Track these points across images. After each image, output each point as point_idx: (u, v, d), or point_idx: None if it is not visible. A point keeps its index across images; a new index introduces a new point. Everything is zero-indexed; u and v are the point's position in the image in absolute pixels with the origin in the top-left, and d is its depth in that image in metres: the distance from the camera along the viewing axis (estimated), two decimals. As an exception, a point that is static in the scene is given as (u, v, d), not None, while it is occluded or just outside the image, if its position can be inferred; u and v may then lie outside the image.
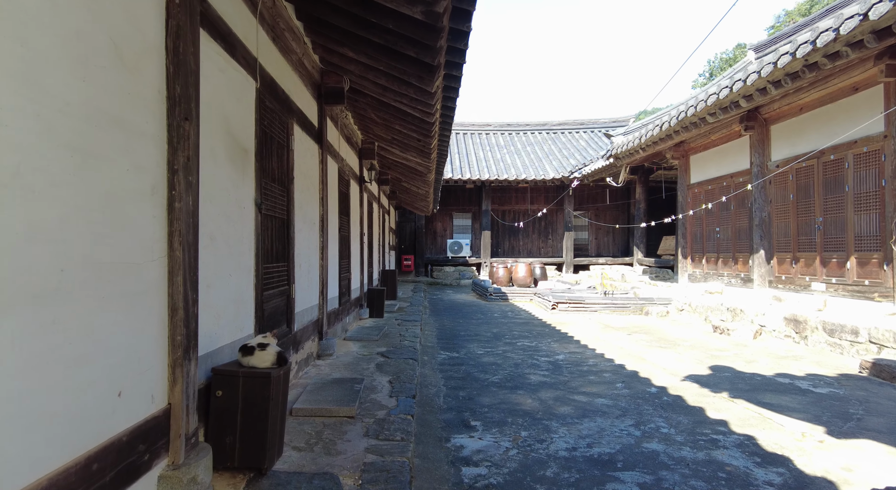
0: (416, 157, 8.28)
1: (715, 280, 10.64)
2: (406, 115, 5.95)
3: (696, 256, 11.53)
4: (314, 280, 5.10)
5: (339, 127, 6.61)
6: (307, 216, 4.83)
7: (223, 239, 2.85)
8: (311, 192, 5.02)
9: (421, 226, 19.59)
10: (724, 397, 4.45)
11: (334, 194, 6.26)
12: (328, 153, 5.82)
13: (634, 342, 7.25)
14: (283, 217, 4.10)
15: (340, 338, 6.48)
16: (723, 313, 8.61)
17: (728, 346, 6.84)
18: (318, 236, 5.25)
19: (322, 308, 5.33)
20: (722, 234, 10.45)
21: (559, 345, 6.98)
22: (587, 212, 20.10)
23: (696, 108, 8.46)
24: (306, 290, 4.80)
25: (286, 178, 4.20)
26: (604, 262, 19.23)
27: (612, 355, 6.29)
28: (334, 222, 6.25)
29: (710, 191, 10.86)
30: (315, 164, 5.20)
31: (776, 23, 36.52)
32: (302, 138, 4.71)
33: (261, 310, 3.47)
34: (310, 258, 4.91)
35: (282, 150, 4.11)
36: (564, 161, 19.38)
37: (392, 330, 7.28)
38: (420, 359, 5.85)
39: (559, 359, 6.07)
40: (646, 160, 13.34)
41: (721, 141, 10.40)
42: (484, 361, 5.89)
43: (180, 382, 2.20)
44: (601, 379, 5.12)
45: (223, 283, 2.84)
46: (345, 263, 6.99)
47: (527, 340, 7.30)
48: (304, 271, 4.70)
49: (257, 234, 3.42)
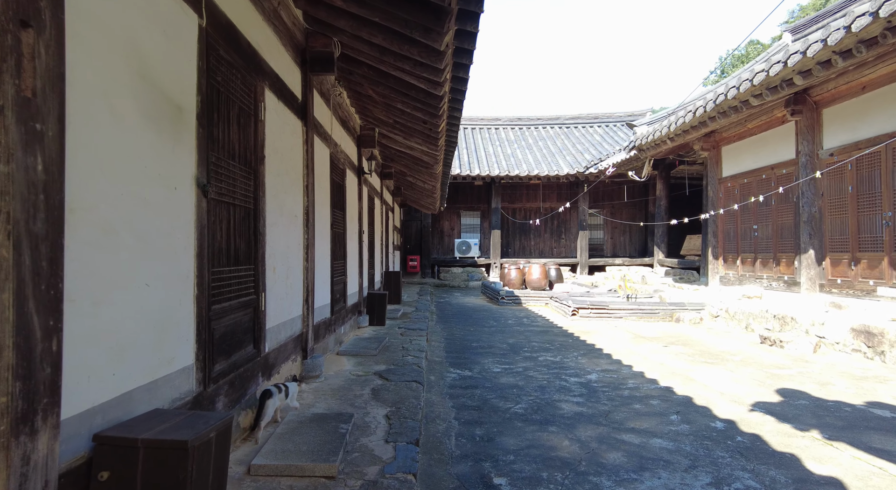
0: (422, 145, 7.33)
1: (752, 283, 9.61)
2: (409, 89, 5.01)
3: (729, 257, 10.50)
4: (295, 286, 4.16)
5: (333, 107, 5.68)
6: (285, 207, 3.90)
7: (133, 232, 1.92)
8: (292, 177, 4.09)
9: (427, 224, 18.66)
10: (817, 438, 3.46)
11: (324, 184, 5.32)
12: (316, 133, 4.88)
13: (674, 356, 6.26)
14: (247, 206, 3.16)
15: (333, 352, 5.55)
16: (768, 321, 7.59)
17: (786, 363, 5.83)
18: (300, 233, 4.31)
19: (307, 320, 4.40)
20: (760, 232, 9.42)
21: (588, 360, 6.00)
22: (602, 210, 19.07)
23: (738, 90, 7.45)
24: (284, 298, 3.86)
25: (253, 157, 3.27)
26: (620, 262, 18.21)
27: (654, 374, 5.31)
28: (324, 217, 5.31)
29: (746, 185, 9.83)
30: (297, 145, 4.26)
31: (790, 18, 35.37)
32: (278, 109, 3.77)
33: (207, 330, 2.53)
34: (289, 259, 3.98)
35: (246, 120, 3.17)
36: (579, 156, 18.37)
37: (394, 341, 6.33)
38: (426, 380, 4.90)
39: (592, 379, 5.10)
40: (672, 152, 12.31)
41: (759, 129, 9.37)
42: (502, 383, 4.92)
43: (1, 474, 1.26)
44: (649, 408, 4.15)
45: (130, 298, 1.90)
46: (339, 265, 6.06)
47: (549, 354, 6.33)
48: (280, 276, 3.76)
49: (201, 226, 2.48)
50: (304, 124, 4.41)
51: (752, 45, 37.81)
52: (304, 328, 4.36)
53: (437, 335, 7.70)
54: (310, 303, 4.45)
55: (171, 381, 2.18)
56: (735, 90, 7.53)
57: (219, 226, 2.75)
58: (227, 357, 2.82)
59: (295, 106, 4.20)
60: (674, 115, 9.95)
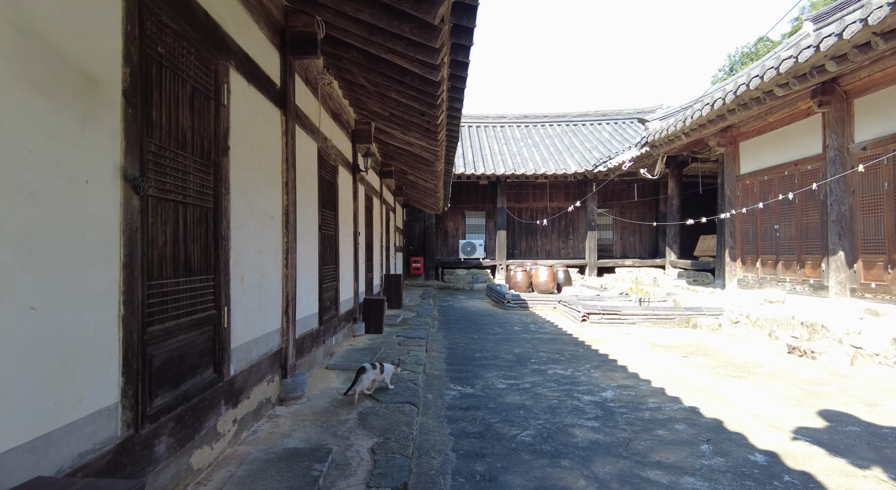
0: (421, 140, 6.83)
1: (773, 286, 9.04)
2: (404, 75, 4.51)
3: (748, 259, 9.93)
4: (272, 297, 3.67)
5: (321, 97, 5.20)
6: (258, 207, 3.41)
7: (6, 238, 1.43)
8: (267, 173, 3.60)
9: (431, 225, 18.16)
10: (883, 480, 2.92)
11: (310, 181, 4.83)
12: (299, 125, 4.40)
13: (695, 368, 5.72)
14: (204, 205, 2.68)
15: (321, 366, 5.06)
16: (795, 328, 7.03)
17: (822, 377, 5.28)
18: (278, 235, 3.82)
19: (286, 333, 3.90)
20: (783, 233, 8.84)
21: (602, 373, 5.48)
22: (611, 209, 18.50)
23: (762, 79, 6.89)
24: (256, 311, 3.37)
25: (213, 148, 2.78)
26: (630, 264, 17.63)
27: (676, 390, 4.78)
28: (310, 217, 4.82)
29: (767, 182, 9.26)
30: (274, 136, 3.77)
31: (800, 14, 34.62)
32: (249, 95, 3.28)
33: (139, 358, 2.05)
34: (263, 266, 3.49)
35: (203, 103, 2.68)
36: (587, 154, 17.82)
37: (390, 352, 5.83)
38: (423, 398, 4.40)
39: (607, 397, 4.58)
40: (686, 149, 11.75)
41: (781, 123, 8.80)
42: (507, 402, 4.41)
43: None
44: (675, 435, 3.62)
45: (13, 326, 1.41)
46: (329, 270, 5.57)
47: (559, 367, 5.80)
48: (251, 286, 3.27)
49: (131, 230, 1.99)
50: (283, 113, 3.92)
51: (761, 42, 37.10)
52: (283, 343, 3.87)
53: (438, 344, 7.19)
54: (290, 314, 3.96)
55: (78, 430, 1.69)
56: (758, 79, 6.97)
57: (161, 229, 2.27)
58: (173, 387, 2.33)
59: (272, 92, 3.71)
60: (689, 109, 9.39)
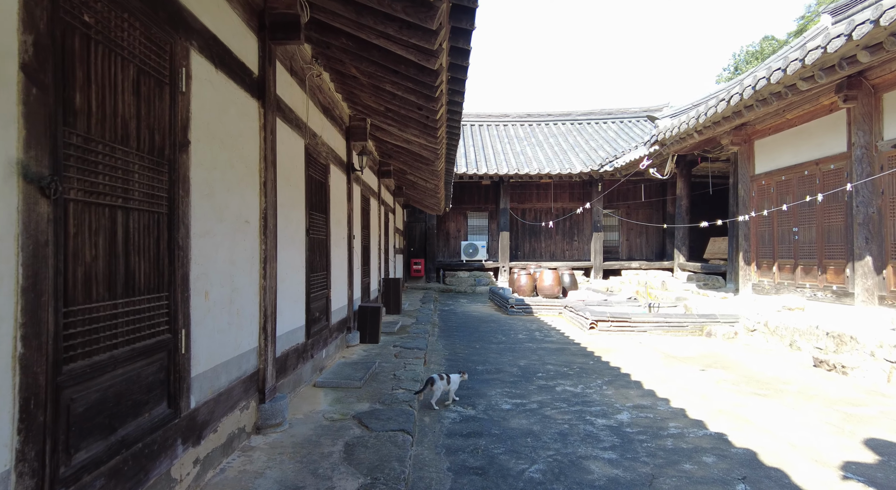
0: (419, 137, 6.40)
1: (792, 292, 8.57)
2: (398, 64, 4.07)
3: (764, 263, 9.46)
4: (246, 312, 3.24)
5: (309, 90, 4.76)
6: (228, 211, 2.97)
7: None
8: (241, 172, 3.17)
9: (432, 226, 17.72)
10: (958, 534, 2.47)
11: (296, 181, 4.40)
12: (282, 119, 3.96)
13: (715, 384, 5.27)
14: (155, 210, 2.24)
15: (308, 383, 4.62)
16: (819, 339, 6.57)
17: (858, 396, 4.82)
18: (254, 243, 3.38)
19: (265, 352, 3.47)
20: (802, 236, 8.38)
21: (615, 391, 5.03)
22: (617, 210, 18.03)
23: (784, 72, 6.43)
24: (226, 331, 2.94)
25: (168, 142, 2.35)
26: (637, 266, 17.15)
27: (698, 412, 4.33)
28: (296, 221, 4.38)
29: (785, 183, 8.79)
30: (250, 130, 3.33)
31: (807, 13, 34.12)
32: (217, 82, 2.85)
33: (50, 406, 1.61)
34: (234, 279, 3.05)
35: (154, 89, 2.25)
36: (593, 153, 17.36)
37: (385, 366, 5.40)
38: (418, 423, 3.96)
39: (623, 421, 4.13)
40: (697, 147, 11.28)
41: (800, 120, 8.33)
42: (513, 428, 3.97)
43: None
44: (705, 470, 3.18)
45: None
46: (318, 278, 5.13)
47: (568, 382, 5.36)
48: (219, 302, 2.84)
49: (37, 243, 1.56)
50: (261, 105, 3.49)
51: (766, 40, 36.60)
52: (260, 364, 3.44)
53: (438, 355, 6.75)
54: (269, 330, 3.52)
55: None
56: (780, 73, 6.51)
57: (91, 240, 1.83)
58: (105, 434, 1.90)
59: (247, 81, 3.28)
60: (703, 105, 8.93)
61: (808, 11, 34.26)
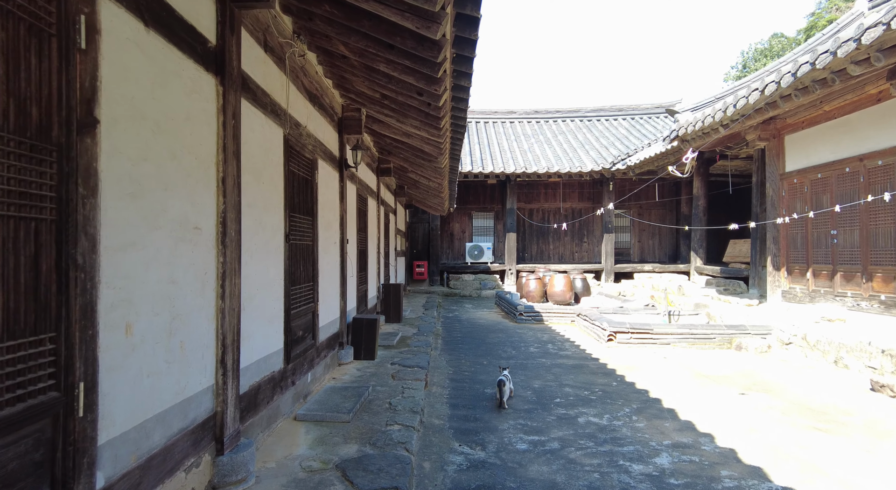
0: (421, 130, 5.69)
1: (830, 301, 7.81)
2: (393, 36, 3.37)
3: (796, 268, 8.70)
4: (193, 345, 2.53)
5: (291, 72, 4.07)
6: (165, 214, 2.27)
7: None
8: (186, 164, 2.47)
9: (436, 227, 17.00)
10: None
11: (272, 177, 3.69)
12: (250, 101, 3.26)
13: (763, 414, 4.54)
14: (33, 215, 1.55)
15: (288, 416, 3.92)
16: (873, 357, 5.82)
17: (936, 432, 4.08)
18: (208, 254, 2.68)
19: (224, 391, 2.77)
20: (842, 239, 7.62)
21: (647, 423, 4.31)
22: (629, 210, 17.27)
23: (834, 55, 5.67)
24: (162, 374, 2.24)
25: (55, 120, 1.65)
26: (650, 269, 16.38)
27: (753, 454, 3.60)
28: (271, 225, 3.68)
29: (821, 181, 8.04)
30: (203, 112, 2.63)
31: (817, 9, 33.24)
32: (146, 45, 2.15)
33: None
34: (175, 302, 2.35)
35: (30, 39, 1.55)
36: (603, 151, 16.60)
37: (380, 391, 4.70)
38: (417, 470, 3.25)
39: (664, 467, 3.41)
40: (720, 143, 10.52)
41: (840, 111, 7.57)
42: (531, 478, 3.25)
43: None
44: (785, 551, 2.45)
45: None
46: (303, 291, 4.43)
47: (592, 411, 4.64)
48: (150, 336, 2.15)
49: None
50: (219, 82, 2.79)
51: (775, 37, 35.71)
52: (217, 406, 2.74)
53: (441, 373, 6.04)
54: (230, 363, 2.82)
55: None
56: (829, 56, 5.75)
57: None
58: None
59: (199, 50, 2.58)
60: (731, 96, 8.17)
61: (818, 8, 33.40)
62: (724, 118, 8.41)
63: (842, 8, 31.19)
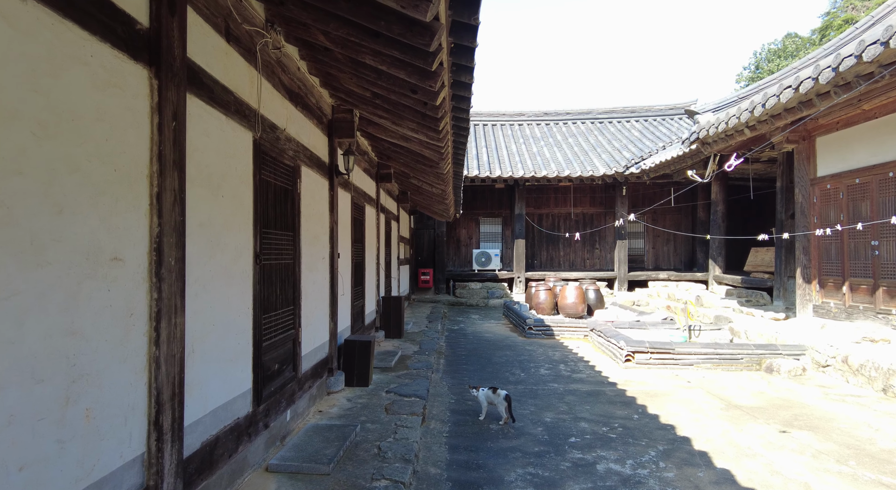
0: (419, 132, 5.13)
1: (871, 319, 7.13)
2: (376, 20, 2.81)
3: (829, 281, 8.01)
4: (112, 407, 1.97)
5: (264, 67, 3.52)
6: (56, 245, 1.71)
7: None
8: (97, 177, 1.91)
9: (442, 233, 16.42)
10: None
11: (234, 190, 3.12)
12: (203, 97, 2.71)
13: (813, 461, 3.90)
14: None
15: (259, 467, 3.36)
16: (928, 387, 5.15)
17: None
18: (133, 290, 2.11)
19: (158, 461, 2.21)
20: (885, 251, 6.93)
21: (678, 471, 3.69)
22: (642, 216, 16.57)
23: (886, 45, 5.03)
24: (49, 459, 1.68)
25: None
26: (665, 277, 15.68)
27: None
28: (232, 247, 3.11)
29: (859, 186, 7.36)
30: (129, 111, 2.07)
31: (831, 8, 32.35)
32: (18, 18, 1.60)
33: None
34: (75, 360, 1.79)
35: None
36: (616, 154, 15.96)
37: (370, 429, 4.12)
38: (402, 552, 2.66)
39: (707, 544, 2.79)
40: (743, 146, 9.84)
41: (882, 110, 6.91)
42: (545, 559, 2.65)
43: None
44: None
45: None
46: (280, 317, 3.87)
47: (612, 454, 4.02)
48: (27, 410, 1.59)
49: None
50: (154, 74, 2.23)
51: (788, 38, 34.86)
52: (150, 480, 2.17)
53: (442, 402, 5.45)
54: (167, 423, 2.26)
55: None
56: (879, 47, 5.11)
57: None
58: None
59: (121, 33, 2.03)
60: (759, 95, 7.52)
61: (833, 7, 32.49)
62: (751, 119, 7.75)
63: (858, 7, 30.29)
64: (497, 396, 4.76)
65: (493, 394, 4.79)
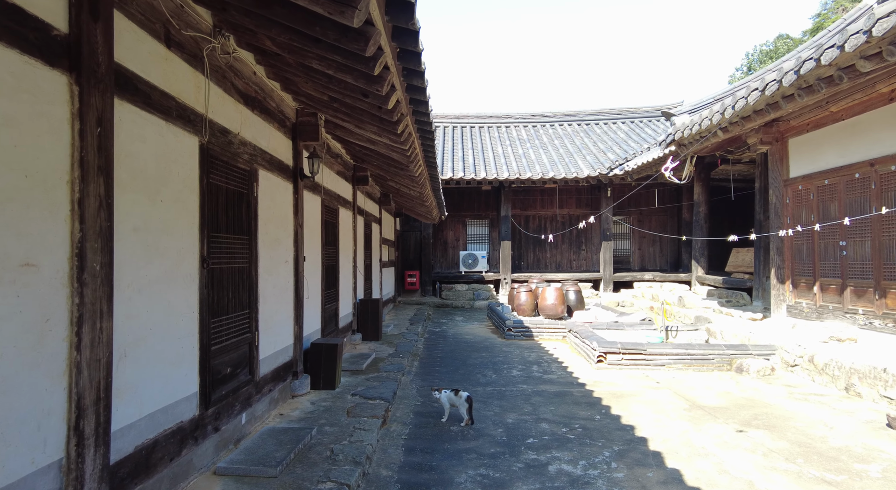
0: (381, 136, 5.16)
1: (839, 319, 7.19)
2: (311, 26, 2.86)
3: (801, 281, 8.08)
4: (20, 414, 1.98)
5: (213, 71, 3.54)
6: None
7: None
8: (5, 183, 1.93)
9: (428, 235, 16.45)
10: None
11: (177, 194, 3.13)
12: (138, 103, 2.72)
13: (764, 460, 3.93)
14: None
15: (206, 470, 3.37)
16: (889, 385, 5.21)
17: (968, 487, 3.46)
18: (50, 295, 2.11)
19: (81, 464, 2.21)
20: (853, 251, 7.00)
21: (628, 471, 3.71)
22: (628, 217, 16.66)
23: (841, 49, 5.07)
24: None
25: None
26: (650, 278, 15.75)
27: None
28: (174, 251, 3.11)
29: (828, 187, 7.43)
30: (46, 117, 2.08)
31: (822, 10, 32.61)
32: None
33: None
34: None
35: None
36: (601, 156, 16.03)
37: (327, 432, 4.13)
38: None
39: (642, 543, 2.82)
40: (719, 147, 9.94)
41: (848, 112, 6.98)
42: (477, 560, 2.67)
43: None
44: None
45: None
46: (234, 321, 3.88)
47: (566, 455, 4.05)
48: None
49: None
50: (74, 79, 2.24)
51: (780, 39, 35.09)
52: (68, 486, 2.18)
53: (407, 405, 5.46)
54: (88, 429, 2.27)
55: None
56: (835, 51, 5.17)
57: None
58: None
59: (33, 38, 2.05)
60: (729, 98, 7.59)
61: (824, 9, 32.75)
62: (722, 120, 7.82)
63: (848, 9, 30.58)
64: (459, 398, 4.78)
65: (454, 395, 4.81)
